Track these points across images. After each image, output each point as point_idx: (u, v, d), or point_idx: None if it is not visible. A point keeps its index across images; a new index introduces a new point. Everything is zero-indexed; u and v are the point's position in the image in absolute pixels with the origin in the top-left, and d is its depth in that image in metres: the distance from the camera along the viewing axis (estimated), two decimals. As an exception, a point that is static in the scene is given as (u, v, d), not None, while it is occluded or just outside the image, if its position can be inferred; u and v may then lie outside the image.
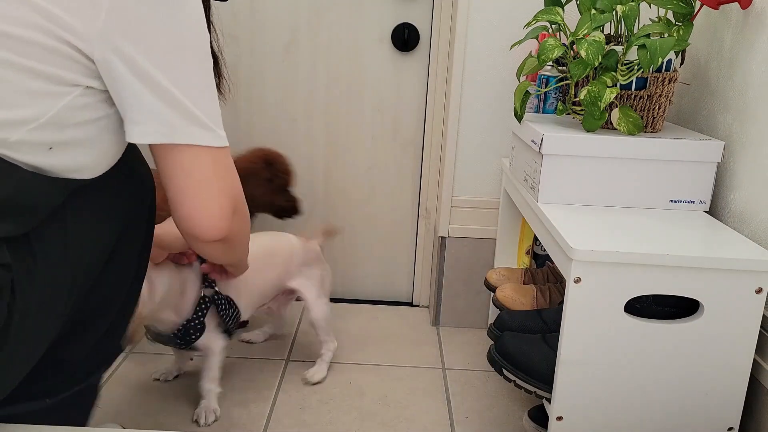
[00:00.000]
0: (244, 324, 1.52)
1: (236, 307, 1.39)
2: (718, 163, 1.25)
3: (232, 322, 1.39)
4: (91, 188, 0.79)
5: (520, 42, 1.36)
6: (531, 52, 1.49)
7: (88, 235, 0.81)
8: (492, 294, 1.56)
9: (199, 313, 1.33)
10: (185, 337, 1.32)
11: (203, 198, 0.78)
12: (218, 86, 0.87)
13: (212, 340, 1.37)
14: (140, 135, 0.74)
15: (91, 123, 0.74)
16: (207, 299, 1.34)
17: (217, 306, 1.35)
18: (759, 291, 1.03)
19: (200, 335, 1.33)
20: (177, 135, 0.74)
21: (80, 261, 0.80)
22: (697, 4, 1.24)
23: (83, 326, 0.89)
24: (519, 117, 1.35)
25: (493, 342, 1.29)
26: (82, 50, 0.69)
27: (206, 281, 1.35)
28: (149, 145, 0.76)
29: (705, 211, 1.27)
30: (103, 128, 0.76)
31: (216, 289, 1.35)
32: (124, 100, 0.73)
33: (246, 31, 1.85)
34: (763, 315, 1.06)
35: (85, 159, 0.76)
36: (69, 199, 0.77)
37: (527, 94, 1.33)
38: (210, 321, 1.35)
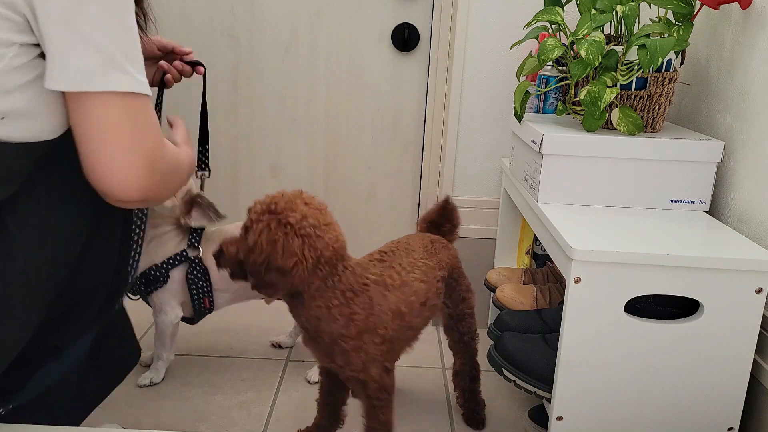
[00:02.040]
0: (209, 311, 1.51)
1: (209, 282, 1.44)
2: (718, 163, 1.25)
3: (197, 296, 1.44)
4: (62, 166, 0.77)
5: (520, 42, 1.36)
6: (531, 52, 1.49)
7: (64, 215, 0.80)
8: (492, 294, 1.56)
9: (168, 264, 1.39)
10: (146, 284, 1.38)
11: (112, 151, 0.72)
12: (142, 27, 0.83)
13: (169, 302, 1.43)
14: (55, 82, 0.70)
15: (34, 83, 0.72)
16: (185, 255, 1.40)
17: (189, 268, 1.41)
18: (759, 291, 1.03)
19: (160, 287, 1.40)
20: (92, 82, 0.70)
21: (58, 241, 0.79)
22: (697, 4, 1.24)
23: (70, 313, 0.88)
24: (519, 117, 1.35)
25: (493, 342, 1.29)
26: (7, 3, 0.67)
27: (192, 241, 1.41)
28: (64, 94, 0.72)
29: (705, 211, 1.27)
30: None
31: (200, 251, 1.41)
32: (46, 48, 0.69)
33: (246, 31, 1.85)
34: (763, 315, 1.06)
35: (41, 124, 0.74)
36: (40, 174, 0.76)
37: (527, 94, 1.33)
38: (175, 282, 1.42)
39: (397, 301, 1.12)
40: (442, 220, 1.36)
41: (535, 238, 1.71)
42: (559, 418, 1.11)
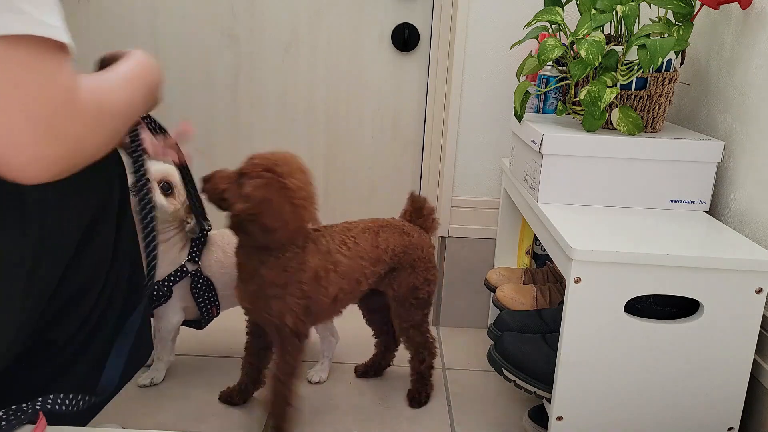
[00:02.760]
0: (216, 316, 1.51)
1: (214, 291, 1.46)
2: (718, 163, 1.25)
3: (205, 306, 1.46)
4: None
5: (520, 42, 1.36)
6: (531, 52, 1.49)
7: (51, 218, 0.76)
8: (492, 294, 1.56)
9: (169, 281, 1.40)
10: (149, 301, 1.40)
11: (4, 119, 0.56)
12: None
13: (171, 308, 1.45)
14: None
15: None
16: (185, 271, 1.41)
17: (192, 282, 1.42)
18: (759, 291, 1.03)
19: (164, 302, 1.42)
20: None
21: (43, 243, 0.76)
22: (697, 4, 1.24)
23: (64, 311, 0.87)
24: (519, 117, 1.35)
25: (493, 342, 1.29)
26: None
27: (192, 255, 1.42)
28: None
29: (705, 211, 1.27)
30: None
31: (199, 266, 1.42)
32: None
33: (246, 31, 1.85)
34: (763, 315, 1.06)
35: None
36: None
37: (527, 94, 1.33)
38: (177, 292, 1.43)
39: (317, 265, 1.22)
40: (416, 214, 1.42)
41: (535, 238, 1.71)
42: (559, 418, 1.11)
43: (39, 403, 0.74)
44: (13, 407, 0.72)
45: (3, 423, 0.71)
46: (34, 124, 0.57)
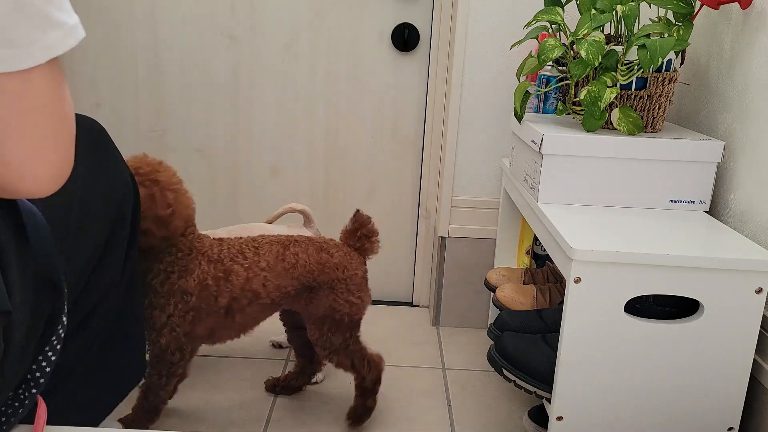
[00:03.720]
0: None
1: None
2: (718, 163, 1.25)
3: None
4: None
5: (520, 42, 1.36)
6: (531, 52, 1.49)
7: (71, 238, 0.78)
8: (492, 294, 1.56)
9: None
10: None
11: (35, 141, 0.54)
12: None
13: None
14: None
15: None
16: None
17: None
18: (759, 291, 1.03)
19: None
20: (23, 57, 0.51)
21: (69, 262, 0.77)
22: (697, 4, 1.24)
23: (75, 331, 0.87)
24: (519, 117, 1.35)
25: (493, 342, 1.29)
26: None
27: None
28: None
29: (705, 211, 1.27)
30: None
31: None
32: None
33: (246, 31, 1.85)
34: (763, 315, 1.06)
35: None
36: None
37: (527, 94, 1.33)
38: None
39: (204, 272, 1.19)
40: (351, 234, 1.32)
41: (535, 238, 1.71)
42: (559, 418, 1.11)
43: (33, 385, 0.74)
44: (11, 395, 0.72)
45: (9, 411, 0.71)
46: (57, 138, 0.56)
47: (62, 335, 0.74)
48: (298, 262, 1.24)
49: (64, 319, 0.73)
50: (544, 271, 1.57)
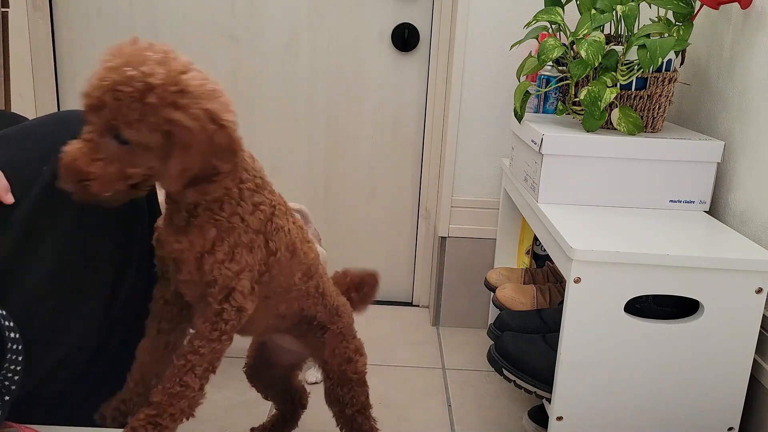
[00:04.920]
0: None
1: None
2: (718, 163, 1.25)
3: None
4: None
5: (520, 42, 1.36)
6: (531, 52, 1.49)
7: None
8: (492, 294, 1.56)
9: None
10: None
11: None
12: None
13: None
14: None
15: None
16: None
17: None
18: (759, 291, 1.03)
19: None
20: None
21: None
22: (697, 4, 1.24)
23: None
24: (519, 117, 1.35)
25: (493, 342, 1.29)
26: None
27: None
28: None
29: (705, 211, 1.27)
30: None
31: None
32: None
33: (246, 31, 1.85)
34: (763, 315, 1.06)
35: None
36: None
37: (527, 94, 1.33)
38: None
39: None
40: (357, 288, 1.15)
41: (535, 238, 1.71)
42: (559, 418, 1.11)
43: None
44: None
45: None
46: None
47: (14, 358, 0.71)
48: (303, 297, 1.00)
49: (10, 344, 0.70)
50: (544, 271, 1.57)
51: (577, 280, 1.04)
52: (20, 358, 0.71)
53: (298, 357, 1.18)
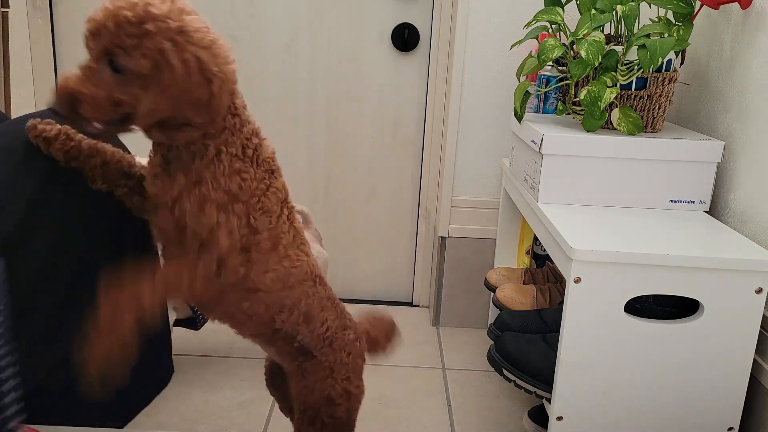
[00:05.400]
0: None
1: None
2: (718, 163, 1.25)
3: (201, 314, 1.44)
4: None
5: (520, 42, 1.36)
6: (531, 52, 1.49)
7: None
8: (492, 294, 1.56)
9: None
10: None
11: None
12: None
13: None
14: None
15: None
16: None
17: None
18: (759, 291, 1.03)
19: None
20: None
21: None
22: (697, 4, 1.24)
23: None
24: (519, 117, 1.35)
25: (493, 342, 1.29)
26: None
27: None
28: None
29: (705, 211, 1.27)
30: None
31: None
32: None
33: (246, 31, 1.85)
34: (763, 315, 1.06)
35: None
36: None
37: (527, 94, 1.33)
38: None
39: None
40: (379, 334, 1.08)
41: (535, 238, 1.71)
42: (559, 418, 1.11)
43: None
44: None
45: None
46: None
47: None
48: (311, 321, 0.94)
49: None
50: (544, 271, 1.57)
51: (577, 280, 1.04)
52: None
53: None
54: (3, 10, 1.48)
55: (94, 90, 0.71)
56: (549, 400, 1.15)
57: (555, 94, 1.53)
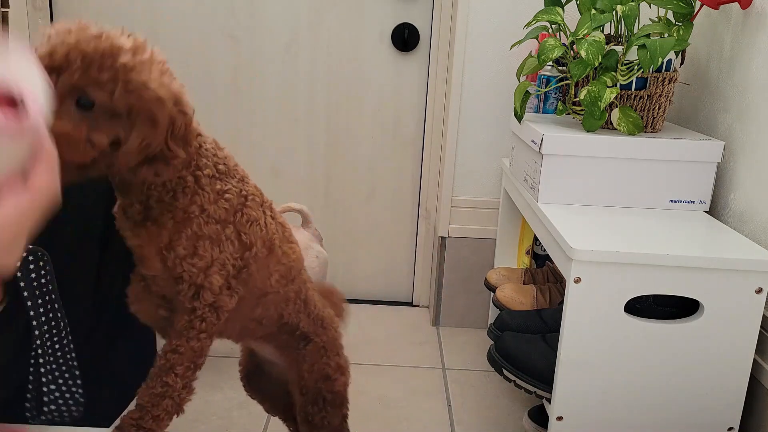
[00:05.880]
0: None
1: None
2: (718, 163, 1.25)
3: None
4: None
5: (520, 42, 1.36)
6: (531, 52, 1.49)
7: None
8: (492, 294, 1.56)
9: None
10: None
11: None
12: None
13: None
14: None
15: None
16: None
17: None
18: (759, 291, 1.03)
19: None
20: None
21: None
22: (697, 4, 1.24)
23: None
24: (519, 117, 1.35)
25: (493, 342, 1.29)
26: None
27: None
28: None
29: (705, 211, 1.27)
30: None
31: None
32: None
33: (246, 31, 1.85)
34: (763, 315, 1.06)
35: None
36: None
37: (527, 94, 1.33)
38: None
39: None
40: (335, 308, 1.05)
41: (535, 238, 1.71)
42: (559, 418, 1.11)
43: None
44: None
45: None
46: None
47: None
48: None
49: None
50: (544, 271, 1.57)
51: (577, 280, 1.04)
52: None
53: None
54: (3, 10, 1.48)
55: (69, 129, 0.62)
56: (549, 400, 1.15)
57: (555, 94, 1.53)
